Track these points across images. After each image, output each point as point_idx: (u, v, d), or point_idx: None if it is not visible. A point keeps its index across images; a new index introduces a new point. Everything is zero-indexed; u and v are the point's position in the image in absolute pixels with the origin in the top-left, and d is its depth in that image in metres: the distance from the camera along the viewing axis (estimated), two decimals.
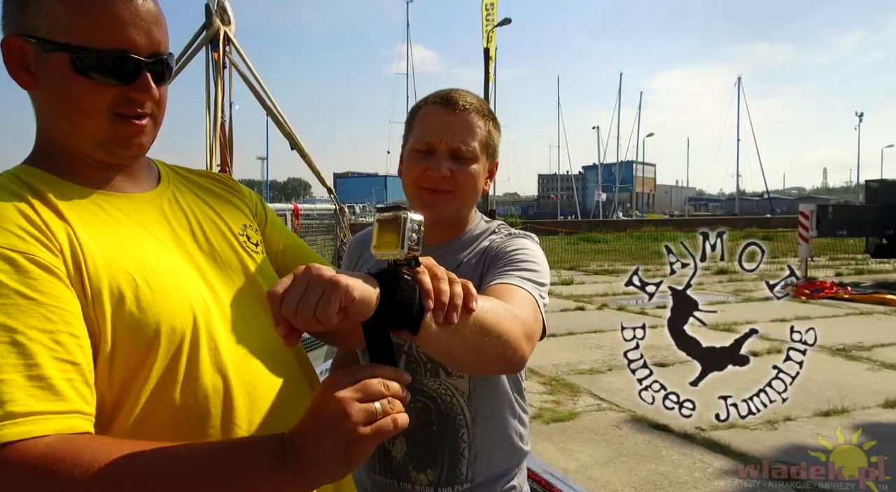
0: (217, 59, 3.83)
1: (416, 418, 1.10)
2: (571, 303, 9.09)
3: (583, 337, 6.81)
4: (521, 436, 1.17)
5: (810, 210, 10.57)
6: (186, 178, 0.93)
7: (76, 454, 0.59)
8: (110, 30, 0.74)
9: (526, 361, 0.88)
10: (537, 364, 5.57)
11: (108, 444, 0.62)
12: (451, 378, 1.09)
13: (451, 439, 1.10)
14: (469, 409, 1.10)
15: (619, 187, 65.71)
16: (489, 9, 17.46)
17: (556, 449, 3.68)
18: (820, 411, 4.34)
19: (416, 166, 1.09)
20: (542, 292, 1.02)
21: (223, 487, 0.63)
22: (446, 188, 1.09)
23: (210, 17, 3.86)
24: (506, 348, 0.82)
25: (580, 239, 20.73)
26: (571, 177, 68.21)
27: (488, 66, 17.19)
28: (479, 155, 1.10)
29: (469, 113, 1.10)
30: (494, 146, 1.15)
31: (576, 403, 4.53)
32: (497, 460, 1.13)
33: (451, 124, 1.09)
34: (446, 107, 1.10)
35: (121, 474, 0.60)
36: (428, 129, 1.10)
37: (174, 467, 0.62)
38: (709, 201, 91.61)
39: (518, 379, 1.17)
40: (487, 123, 1.13)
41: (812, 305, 8.87)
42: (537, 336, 0.93)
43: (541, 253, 1.12)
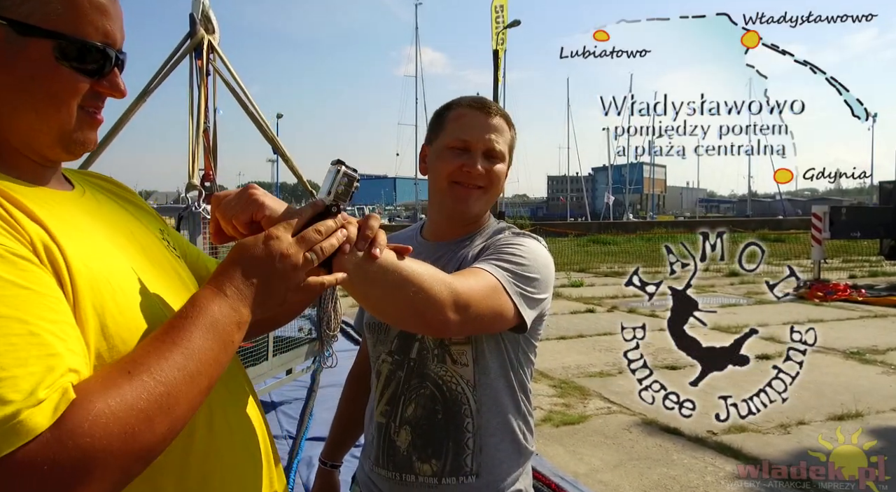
0: (201, 66, 3.90)
1: (423, 406, 1.13)
2: (581, 305, 9.05)
3: (593, 340, 6.78)
4: (525, 435, 1.18)
5: (823, 212, 10.47)
6: (91, 180, 0.89)
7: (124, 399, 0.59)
8: (97, 21, 0.72)
9: (449, 328, 0.94)
10: (547, 367, 5.55)
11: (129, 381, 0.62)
12: (457, 366, 1.12)
13: (456, 428, 1.11)
14: (474, 398, 1.12)
15: (629, 189, 65.41)
16: (499, 11, 17.47)
17: (565, 452, 3.67)
18: (834, 415, 4.29)
19: (450, 162, 1.18)
20: (518, 282, 1.06)
21: (217, 343, 0.69)
22: (480, 184, 1.18)
23: (194, 26, 3.95)
24: (424, 307, 0.90)
25: (590, 241, 20.65)
26: (581, 178, 67.94)
27: (497, 67, 17.20)
28: (506, 156, 1.22)
29: (500, 118, 1.21)
30: (513, 150, 1.26)
31: (586, 406, 4.51)
32: (502, 455, 1.14)
33: (487, 125, 1.18)
34: (482, 110, 1.20)
35: (167, 378, 0.62)
36: (464, 128, 1.18)
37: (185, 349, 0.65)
38: (720, 203, 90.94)
39: (523, 378, 1.19)
40: (512, 129, 1.24)
41: (825, 307, 8.78)
42: (477, 312, 0.97)
43: (542, 252, 1.15)
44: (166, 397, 0.60)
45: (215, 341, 0.67)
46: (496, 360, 1.13)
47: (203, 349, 0.65)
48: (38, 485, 0.52)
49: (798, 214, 38.94)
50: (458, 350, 1.12)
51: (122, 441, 0.56)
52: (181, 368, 0.62)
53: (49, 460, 0.53)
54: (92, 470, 0.55)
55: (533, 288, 1.07)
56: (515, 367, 1.16)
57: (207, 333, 0.66)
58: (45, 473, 0.52)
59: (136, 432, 0.57)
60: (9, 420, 0.52)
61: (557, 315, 8.32)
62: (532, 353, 1.21)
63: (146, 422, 0.58)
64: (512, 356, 1.16)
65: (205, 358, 0.65)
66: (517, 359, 1.16)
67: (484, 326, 1.04)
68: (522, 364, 1.17)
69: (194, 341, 0.65)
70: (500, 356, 1.14)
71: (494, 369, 1.13)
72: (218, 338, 0.67)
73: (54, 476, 0.53)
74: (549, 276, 1.14)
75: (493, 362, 1.13)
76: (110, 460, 0.56)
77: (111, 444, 0.56)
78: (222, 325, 0.68)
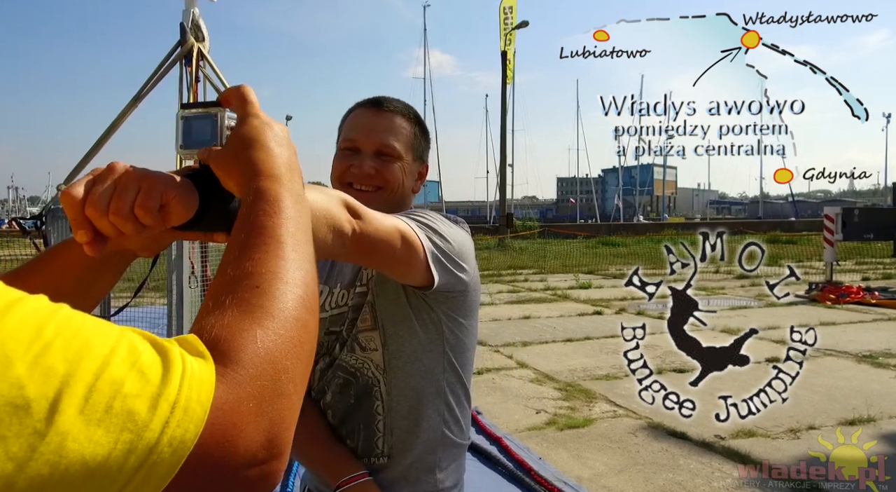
0: (191, 73, 4.04)
1: (339, 392, 1.15)
2: (589, 307, 8.98)
3: (600, 342, 6.72)
4: (447, 422, 1.15)
5: (835, 213, 10.33)
6: None
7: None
8: None
9: (343, 233, 0.81)
10: (553, 369, 5.50)
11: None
12: (366, 352, 1.13)
13: (367, 411, 1.13)
14: (385, 381, 1.12)
15: (639, 191, 65.09)
16: (507, 12, 17.45)
17: (570, 456, 3.61)
18: (845, 419, 4.20)
19: (340, 163, 1.15)
20: (428, 231, 1.00)
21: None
22: (376, 184, 1.13)
23: (184, 34, 4.08)
24: (329, 224, 0.78)
25: (599, 243, 20.53)
26: (591, 180, 67.68)
27: (506, 68, 17.16)
28: (402, 154, 1.15)
29: (394, 114, 1.15)
30: (421, 149, 1.20)
31: (591, 409, 4.45)
32: (416, 440, 1.12)
33: (375, 123, 1.14)
34: (372, 108, 1.16)
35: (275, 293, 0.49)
36: (353, 128, 1.15)
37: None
38: (731, 204, 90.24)
39: (451, 362, 1.15)
40: (413, 126, 1.18)
41: (838, 310, 8.65)
42: (375, 228, 0.87)
43: (455, 227, 1.09)
44: (308, 296, 0.51)
45: (307, 232, 0.58)
46: (410, 343, 1.11)
47: (304, 242, 0.56)
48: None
49: (810, 215, 38.52)
50: (366, 337, 1.13)
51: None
52: (300, 265, 0.53)
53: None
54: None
55: (443, 243, 1.02)
56: (437, 349, 1.13)
57: (297, 224, 0.56)
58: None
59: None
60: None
61: (564, 317, 8.25)
62: (463, 334, 1.16)
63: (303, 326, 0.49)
64: (433, 337, 1.12)
65: (309, 251, 0.56)
66: (439, 341, 1.13)
67: (384, 254, 0.91)
68: (447, 346, 1.14)
69: (294, 235, 0.54)
70: (415, 339, 1.11)
71: (408, 352, 1.12)
72: (306, 229, 0.58)
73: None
74: (464, 245, 1.09)
75: (405, 346, 1.11)
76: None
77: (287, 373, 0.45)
78: (302, 213, 0.58)
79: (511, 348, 6.37)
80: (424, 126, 1.22)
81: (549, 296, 10.28)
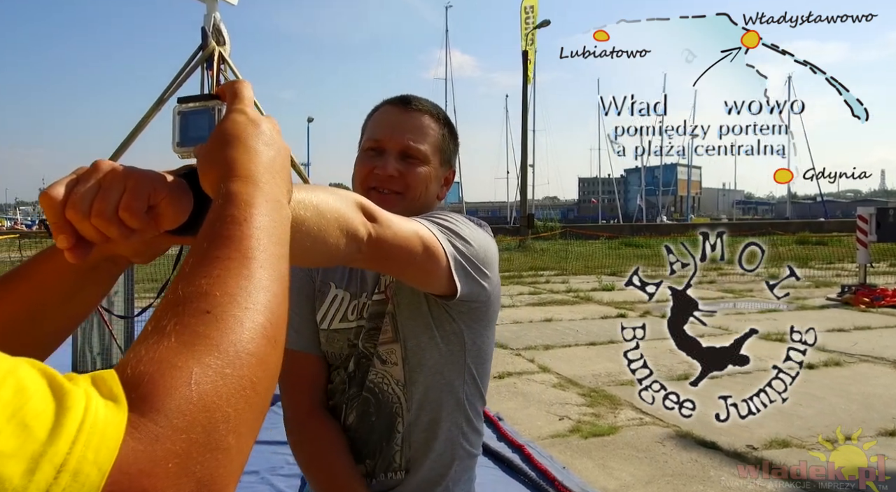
0: (212, 76, 4.13)
1: (359, 412, 1.10)
2: (612, 310, 8.82)
3: (624, 346, 6.56)
4: (466, 435, 1.11)
5: (869, 213, 10.00)
6: None
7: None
8: None
9: (358, 236, 0.74)
10: (576, 374, 5.38)
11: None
12: (387, 366, 1.07)
13: (389, 427, 1.08)
14: (405, 396, 1.07)
15: (662, 191, 64.21)
16: (528, 11, 17.32)
17: (594, 466, 3.50)
18: (884, 430, 4.02)
19: (364, 165, 1.07)
20: (450, 236, 0.93)
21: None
22: (395, 189, 1.06)
23: (206, 38, 4.15)
24: (342, 228, 0.71)
25: (622, 244, 20.24)
26: (613, 180, 66.96)
27: (527, 68, 17.03)
28: (429, 157, 1.08)
29: (422, 114, 1.09)
30: (449, 153, 1.13)
31: (616, 416, 4.33)
32: (434, 453, 1.07)
33: (402, 122, 1.07)
34: (399, 106, 1.09)
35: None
36: (378, 126, 1.08)
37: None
38: (758, 205, 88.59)
39: (472, 374, 1.10)
40: (442, 127, 1.11)
41: (872, 314, 8.35)
42: (393, 232, 0.80)
43: (480, 231, 1.03)
44: (272, 325, 0.43)
45: (282, 247, 0.50)
46: (431, 356, 1.06)
47: (277, 257, 0.47)
48: None
49: (840, 216, 37.56)
50: (386, 350, 1.07)
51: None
52: (266, 287, 0.44)
53: None
54: None
55: (467, 248, 0.95)
56: (458, 362, 1.08)
57: (271, 236, 0.48)
58: None
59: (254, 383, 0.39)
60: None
61: (587, 320, 8.11)
62: (484, 344, 1.11)
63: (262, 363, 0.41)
64: (455, 349, 1.07)
65: (283, 270, 0.48)
66: (461, 353, 1.08)
67: (403, 260, 0.85)
68: (469, 357, 1.09)
69: (265, 249, 0.47)
70: (436, 352, 1.06)
71: (429, 366, 1.06)
72: (281, 243, 0.50)
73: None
74: (489, 250, 1.02)
75: (426, 359, 1.06)
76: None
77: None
78: (278, 223, 0.50)
79: (532, 352, 6.26)
80: (454, 129, 1.15)
81: (571, 298, 10.13)
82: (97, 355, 4.23)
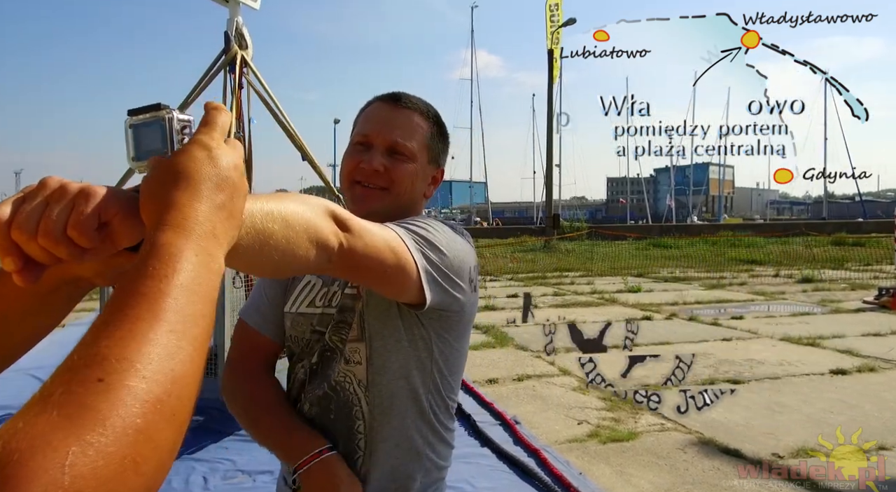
0: (235, 80, 4.23)
1: (318, 405, 1.07)
2: (637, 312, 8.65)
3: (648, 349, 6.42)
4: (433, 445, 1.07)
5: None
6: None
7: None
8: None
9: (329, 247, 0.73)
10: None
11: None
12: (350, 365, 1.05)
13: (348, 430, 1.05)
14: (366, 399, 1.04)
15: (692, 190, 62.99)
16: (554, 9, 17.15)
17: (612, 472, 3.41)
18: None
19: (351, 159, 1.08)
20: (420, 243, 0.91)
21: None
22: (380, 184, 1.05)
23: (228, 42, 4.27)
24: (312, 238, 0.70)
25: (650, 244, 19.89)
26: (642, 180, 65.87)
27: (552, 67, 16.88)
28: (416, 154, 1.08)
29: (412, 112, 1.09)
30: (438, 151, 1.12)
31: (637, 421, 4.23)
32: (397, 462, 1.04)
33: (391, 119, 1.07)
34: (390, 103, 1.09)
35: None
36: (367, 122, 1.08)
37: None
38: (793, 204, 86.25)
39: (437, 383, 1.06)
40: (432, 126, 1.11)
41: None
42: (364, 242, 0.79)
43: (457, 238, 1.01)
44: (171, 398, 0.40)
45: (205, 306, 0.46)
46: (397, 360, 1.03)
47: (196, 319, 0.44)
48: None
49: (881, 216, 36.29)
50: (351, 348, 1.04)
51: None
52: (173, 355, 0.41)
53: None
54: None
55: (440, 258, 0.93)
56: (425, 369, 1.05)
57: (192, 295, 0.45)
58: None
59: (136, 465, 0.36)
60: None
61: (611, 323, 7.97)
62: (453, 356, 1.08)
63: (147, 446, 0.37)
64: (422, 356, 1.04)
65: (200, 334, 0.45)
66: (428, 360, 1.05)
67: (373, 271, 0.84)
68: (435, 367, 1.06)
69: (182, 310, 0.43)
70: (402, 355, 1.03)
71: (393, 369, 1.03)
72: (205, 301, 0.46)
73: None
74: (464, 260, 0.99)
75: (391, 362, 1.03)
76: None
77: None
78: (204, 280, 0.47)
79: (553, 354, 6.16)
80: (444, 128, 1.14)
81: (595, 300, 9.98)
82: None
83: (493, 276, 13.65)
